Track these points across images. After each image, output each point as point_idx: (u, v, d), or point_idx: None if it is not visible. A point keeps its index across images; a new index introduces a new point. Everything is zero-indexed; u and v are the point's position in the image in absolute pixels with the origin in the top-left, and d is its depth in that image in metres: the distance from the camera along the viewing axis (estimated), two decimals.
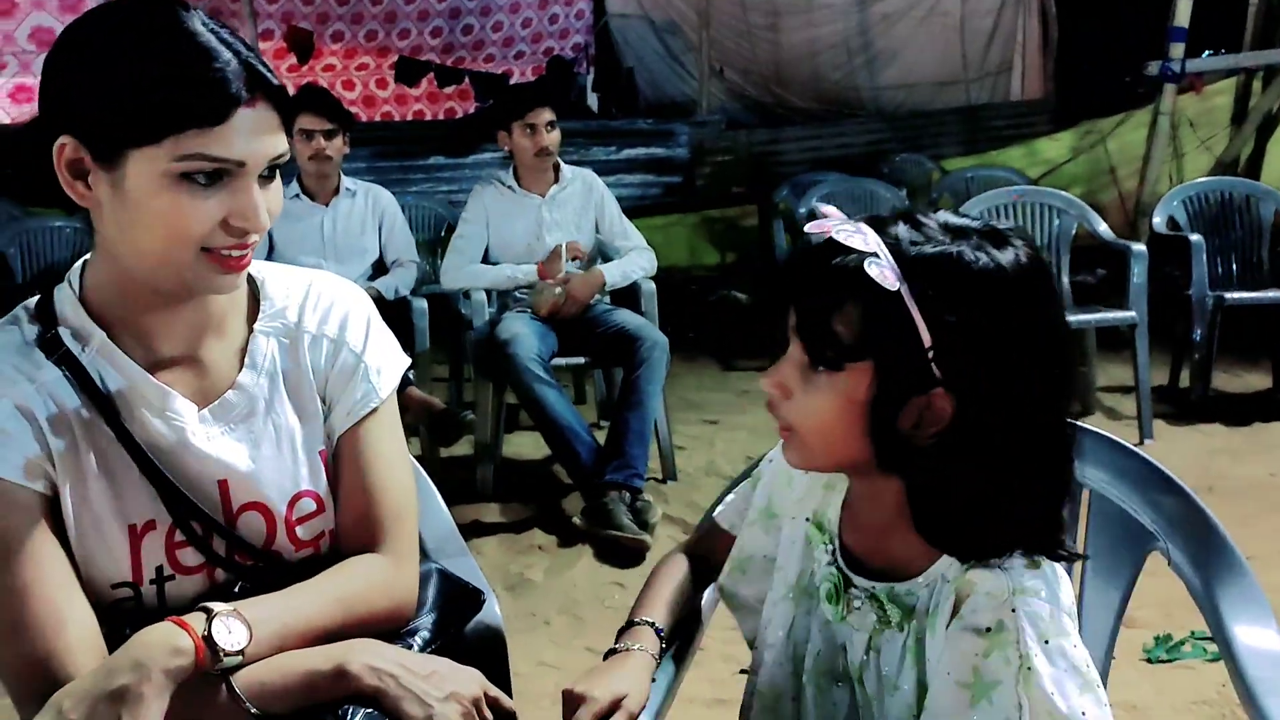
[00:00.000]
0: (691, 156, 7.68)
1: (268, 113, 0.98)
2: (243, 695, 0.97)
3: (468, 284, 3.65)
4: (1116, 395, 4.30)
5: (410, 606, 1.14)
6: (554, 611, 2.73)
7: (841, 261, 0.87)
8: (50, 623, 0.97)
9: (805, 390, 0.92)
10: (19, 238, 4.69)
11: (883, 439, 0.89)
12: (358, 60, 9.12)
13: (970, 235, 0.87)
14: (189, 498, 1.05)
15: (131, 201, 0.96)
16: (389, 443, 1.17)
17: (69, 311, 1.05)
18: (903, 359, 0.86)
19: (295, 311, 1.14)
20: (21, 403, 1.01)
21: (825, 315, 0.88)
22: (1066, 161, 7.19)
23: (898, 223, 0.89)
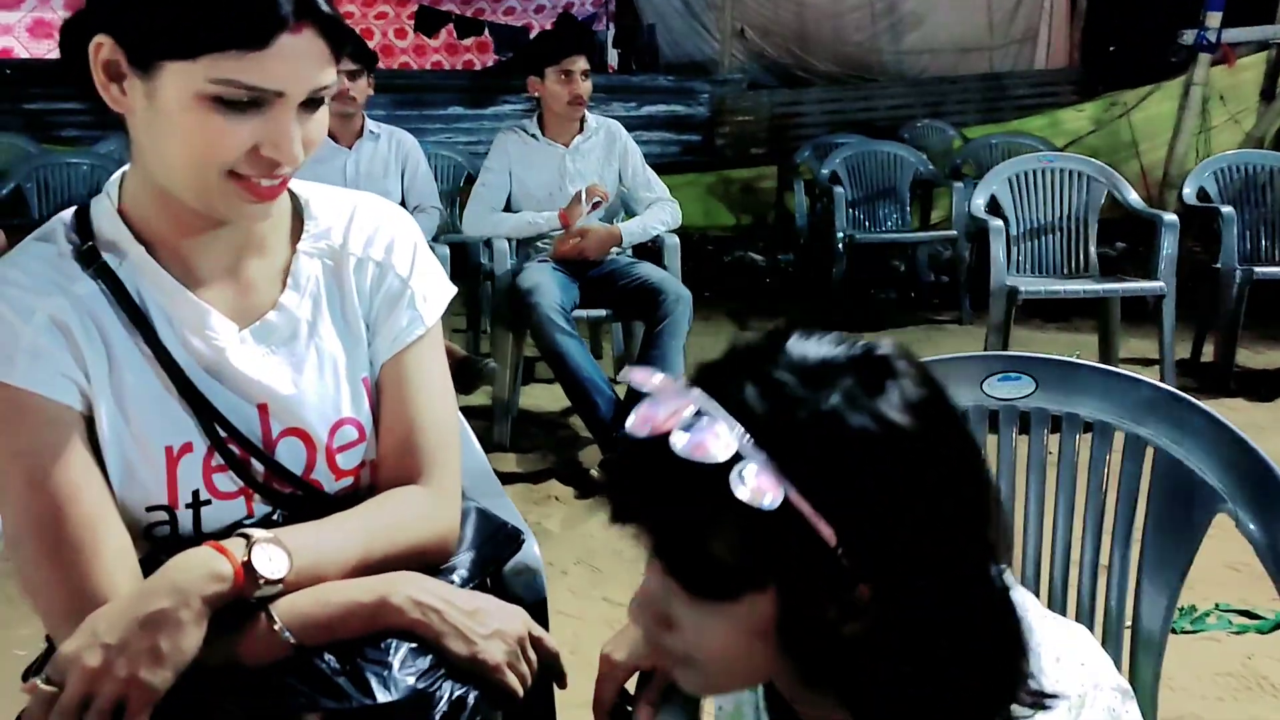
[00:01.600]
0: (711, 116, 7.59)
1: (315, 41, 0.93)
2: (281, 625, 0.94)
3: (490, 231, 3.62)
4: (1138, 367, 4.25)
5: (453, 540, 1.11)
6: (571, 562, 2.72)
7: (692, 478, 0.66)
8: (86, 542, 0.94)
9: (692, 620, 0.72)
10: (36, 173, 4.68)
11: (801, 656, 0.72)
12: (377, 9, 9.02)
13: (836, 379, 0.68)
14: (228, 420, 1.02)
15: (163, 114, 0.93)
16: (433, 372, 1.13)
17: (106, 224, 1.02)
18: (809, 568, 0.67)
19: (340, 233, 1.10)
20: (57, 316, 0.97)
21: (696, 543, 0.68)
22: (1090, 133, 7.10)
23: (745, 385, 0.69)
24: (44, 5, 7.12)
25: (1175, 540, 1.10)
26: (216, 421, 1.02)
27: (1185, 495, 1.09)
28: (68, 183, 4.71)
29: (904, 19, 9.44)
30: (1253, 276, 3.88)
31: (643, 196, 3.69)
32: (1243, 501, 1.05)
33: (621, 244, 3.56)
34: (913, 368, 0.71)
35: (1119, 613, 1.15)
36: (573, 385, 3.23)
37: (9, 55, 7.01)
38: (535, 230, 3.56)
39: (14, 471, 0.95)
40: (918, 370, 0.71)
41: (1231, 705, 2.03)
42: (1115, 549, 1.15)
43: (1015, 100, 8.16)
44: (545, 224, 3.53)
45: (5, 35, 7.11)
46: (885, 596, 0.68)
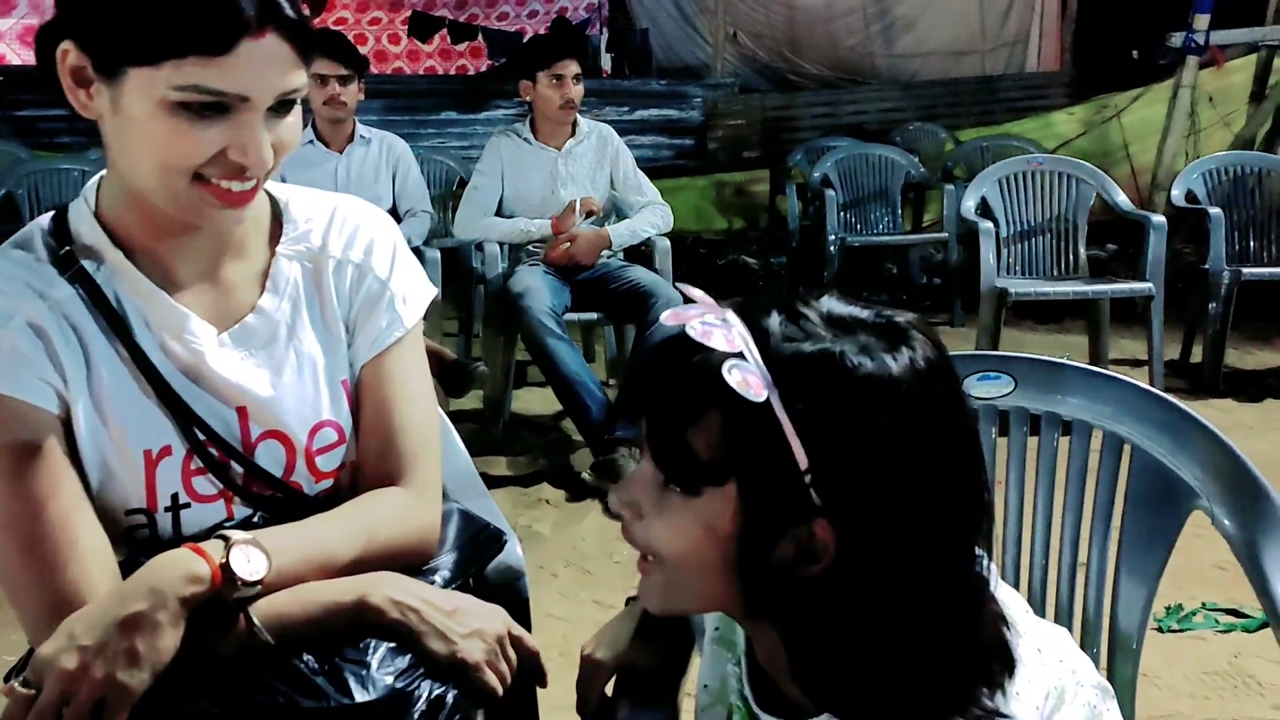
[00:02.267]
0: (704, 120, 7.62)
1: (279, 45, 0.92)
2: (260, 625, 0.94)
3: (481, 236, 3.63)
4: (1127, 368, 4.27)
5: (433, 541, 1.11)
6: (561, 565, 2.72)
7: (702, 359, 0.70)
8: (63, 545, 0.94)
9: (660, 513, 0.75)
10: (27, 180, 4.67)
11: (751, 579, 0.73)
12: (370, 14, 9.03)
13: (857, 331, 0.71)
14: (206, 423, 1.02)
15: (129, 120, 0.93)
16: (413, 374, 1.13)
17: (84, 228, 1.02)
18: (773, 483, 0.69)
19: (320, 235, 1.10)
20: (34, 320, 0.97)
21: (679, 427, 0.71)
22: (1080, 135, 7.13)
23: (772, 312, 0.73)
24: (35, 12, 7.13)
25: (1152, 538, 1.10)
26: (195, 425, 1.02)
27: (1162, 493, 1.09)
28: (59, 189, 4.70)
29: (896, 23, 9.47)
30: (1241, 277, 3.90)
31: (634, 200, 3.70)
32: (1218, 498, 1.05)
33: (611, 247, 3.57)
34: (929, 342, 0.73)
35: (1097, 610, 1.16)
36: (564, 388, 3.23)
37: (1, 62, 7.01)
38: (527, 237, 3.57)
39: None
40: (934, 345, 0.73)
41: (1218, 703, 2.03)
42: (1093, 547, 1.15)
43: (1007, 103, 8.20)
44: (537, 231, 3.54)
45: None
46: (846, 545, 0.69)
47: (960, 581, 0.73)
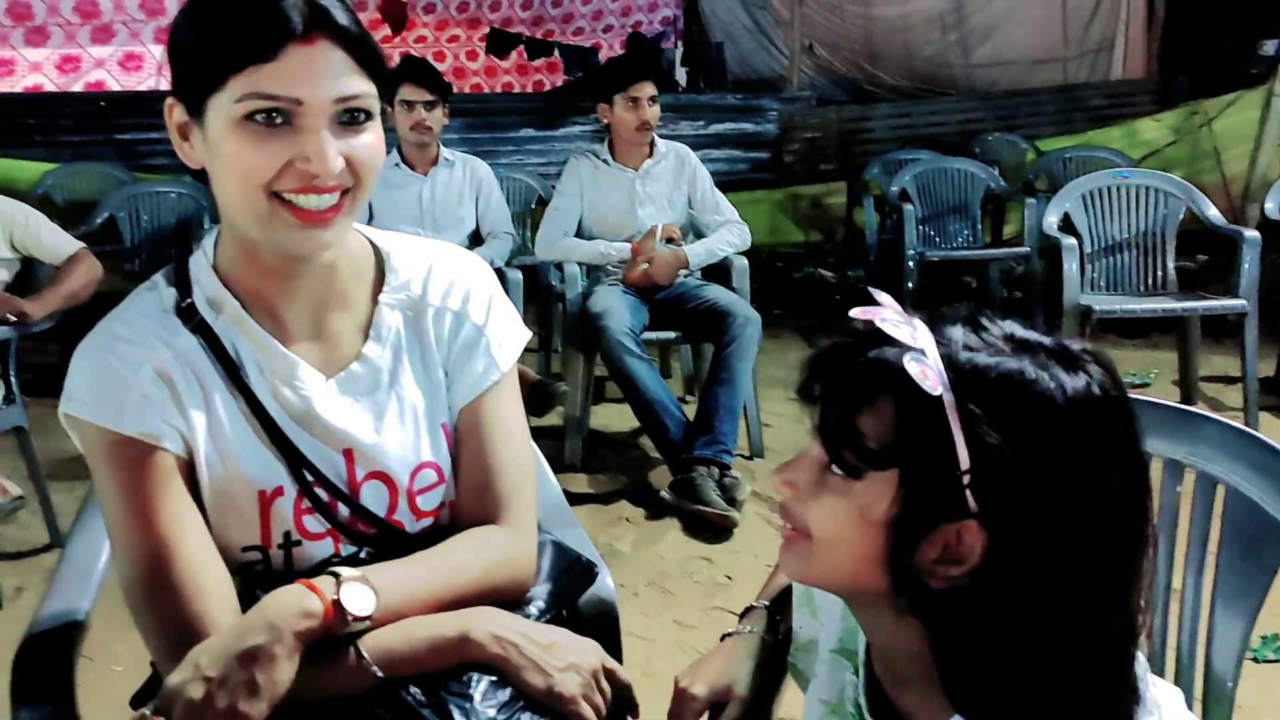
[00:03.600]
0: (780, 133, 7.60)
1: (331, 51, 0.97)
2: (369, 659, 0.99)
3: (561, 257, 3.68)
4: (1220, 386, 4.17)
5: (529, 579, 1.15)
6: (642, 584, 2.75)
7: (880, 354, 0.75)
8: (190, 583, 1.00)
9: (818, 494, 0.79)
10: (128, 202, 4.83)
11: (900, 569, 0.75)
12: (449, 32, 9.21)
13: (1036, 351, 0.73)
14: (315, 466, 1.08)
15: (215, 151, 0.99)
16: (509, 416, 1.18)
17: (204, 278, 1.08)
18: (934, 478, 0.72)
19: (420, 284, 1.15)
20: (161, 368, 1.04)
21: (852, 411, 0.75)
22: (1169, 144, 6.95)
23: (956, 323, 0.76)
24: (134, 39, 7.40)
25: (1248, 577, 1.09)
26: (305, 467, 1.07)
27: (1258, 533, 1.08)
28: (157, 210, 4.87)
29: (974, 31, 9.35)
30: None
31: (711, 219, 3.72)
32: None
33: (688, 266, 3.59)
34: (1106, 374, 0.74)
35: (1191, 649, 1.15)
36: (642, 407, 3.26)
37: (101, 88, 7.28)
38: (606, 259, 3.62)
39: (126, 518, 1.01)
40: (1111, 377, 0.74)
41: None
42: (1186, 587, 1.15)
43: (1090, 111, 8.02)
44: (617, 254, 3.59)
45: (98, 69, 7.41)
46: (995, 552, 0.72)
47: (1113, 614, 0.74)
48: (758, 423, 3.59)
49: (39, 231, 2.98)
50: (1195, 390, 4.04)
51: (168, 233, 4.84)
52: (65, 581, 1.21)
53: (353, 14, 0.99)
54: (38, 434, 2.98)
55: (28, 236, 2.96)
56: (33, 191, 5.12)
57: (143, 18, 7.36)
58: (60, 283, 2.95)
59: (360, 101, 0.99)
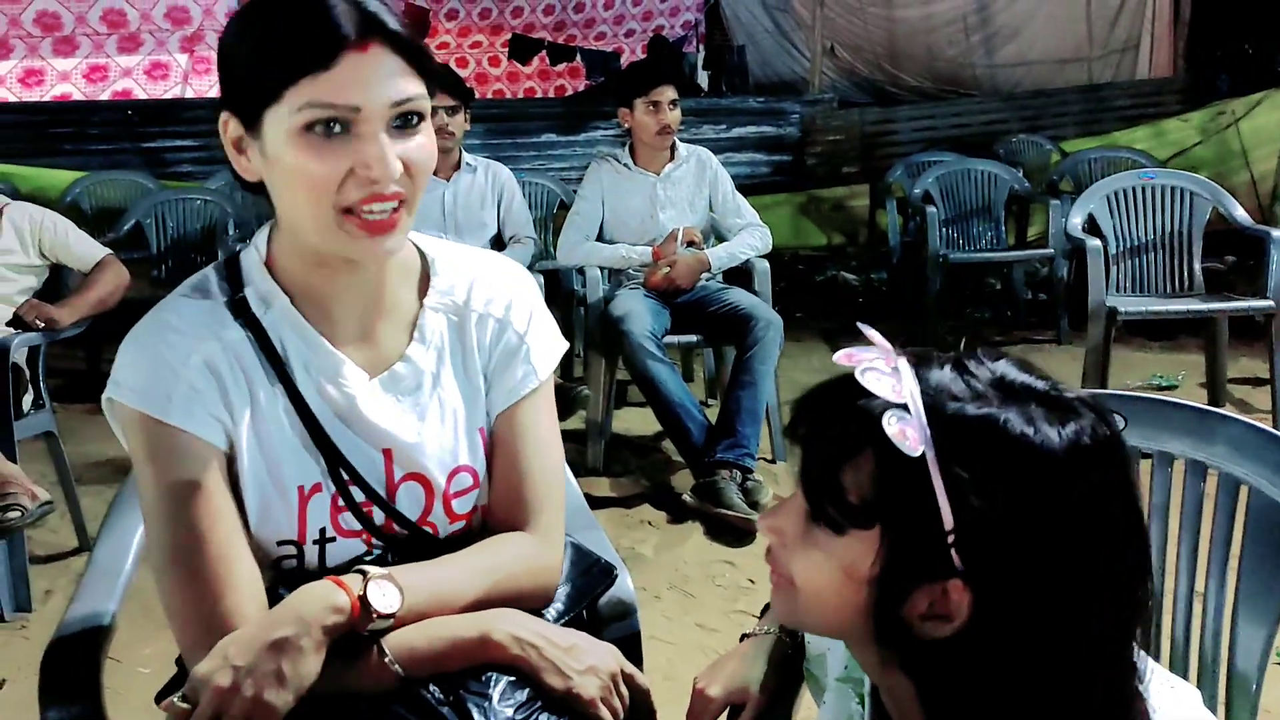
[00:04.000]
0: (802, 135, 7.59)
1: (387, 57, 0.97)
2: (391, 657, 1.00)
3: (583, 261, 3.69)
4: (1248, 388, 4.13)
5: (553, 586, 1.16)
6: (664, 587, 2.75)
7: (865, 403, 0.72)
8: (221, 575, 1.01)
9: (803, 544, 0.77)
10: (154, 209, 4.89)
11: (883, 625, 0.74)
12: (471, 38, 9.25)
13: (1025, 399, 0.71)
14: (353, 465, 1.08)
15: (275, 164, 1.00)
16: (544, 424, 1.18)
17: (255, 275, 1.09)
18: (917, 537, 0.69)
19: (464, 290, 1.16)
20: (210, 359, 1.05)
21: (833, 465, 0.73)
22: (1196, 144, 6.89)
23: (945, 366, 0.74)
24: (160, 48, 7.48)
25: (1273, 579, 1.08)
26: (343, 466, 1.08)
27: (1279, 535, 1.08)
28: (182, 217, 4.92)
29: (998, 32, 9.31)
30: None
31: (733, 223, 3.73)
32: None
33: (710, 270, 3.60)
34: (1100, 420, 0.71)
35: (1214, 652, 1.14)
36: (664, 411, 3.27)
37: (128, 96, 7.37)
38: (628, 263, 3.63)
39: (162, 504, 1.03)
40: (1105, 424, 0.71)
41: None
42: (1209, 589, 1.14)
43: (1116, 111, 7.96)
44: (638, 258, 3.60)
45: (125, 78, 7.50)
46: (982, 610, 0.69)
47: (1110, 653, 0.72)
48: (780, 425, 3.59)
49: (67, 238, 3.02)
50: (1223, 392, 4.00)
51: (193, 239, 4.89)
52: (92, 584, 1.23)
53: (398, 17, 1.00)
54: (67, 439, 3.02)
55: (56, 243, 3.00)
56: (61, 199, 5.19)
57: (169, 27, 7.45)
58: (88, 289, 2.99)
59: (414, 104, 0.99)
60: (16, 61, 7.24)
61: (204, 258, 4.79)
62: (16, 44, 7.18)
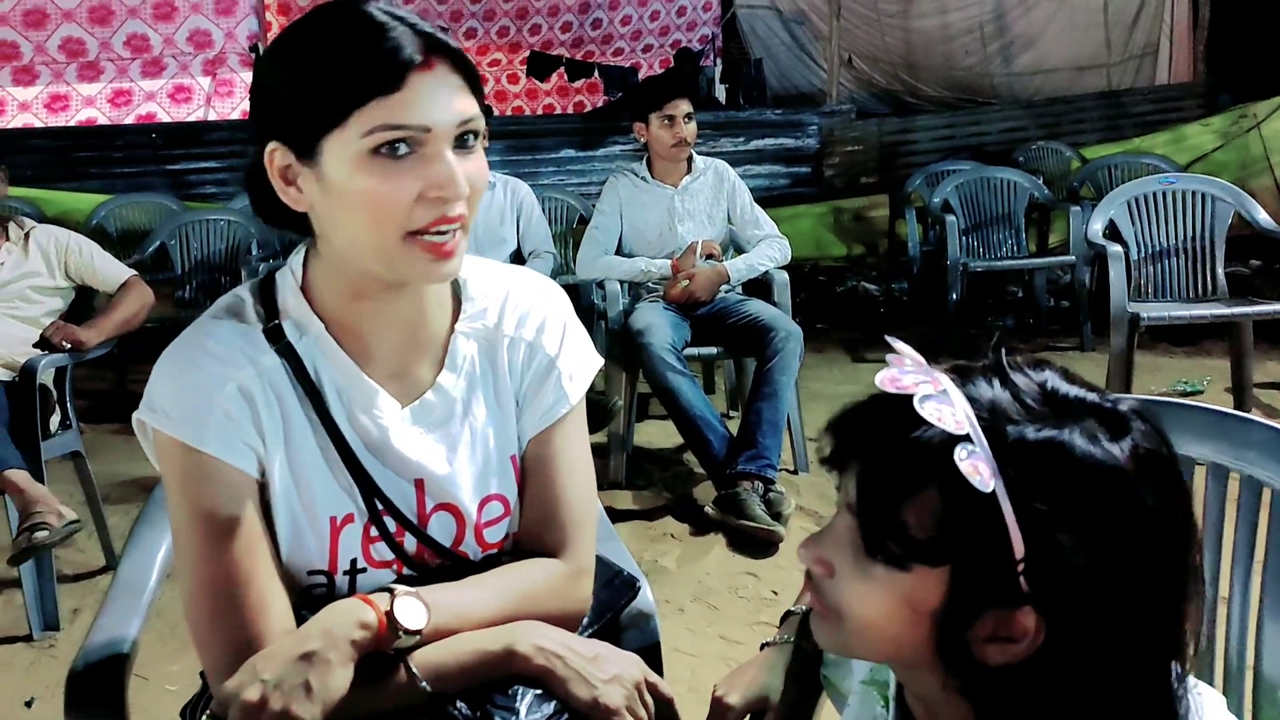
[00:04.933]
0: (820, 147, 7.59)
1: (449, 75, 0.98)
2: (418, 673, 1.00)
3: (602, 275, 3.70)
4: (1275, 392, 4.09)
5: (582, 614, 1.15)
6: (688, 599, 2.75)
7: (923, 436, 0.69)
8: (252, 605, 1.01)
9: (856, 577, 0.74)
10: (178, 231, 4.94)
11: (948, 651, 0.72)
12: (490, 56, 9.30)
13: (1080, 414, 0.70)
14: (386, 495, 1.08)
15: (335, 191, 0.98)
16: (575, 449, 1.17)
17: (290, 300, 1.08)
18: (986, 569, 0.68)
19: (496, 313, 1.14)
20: (244, 386, 1.04)
21: (894, 503, 0.70)
22: (1217, 148, 6.85)
23: (991, 381, 0.72)
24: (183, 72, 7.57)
25: None
26: (376, 496, 1.08)
27: None
28: (206, 238, 4.97)
29: (1016, 40, 9.28)
30: None
31: (751, 234, 3.73)
32: None
33: (729, 282, 3.60)
34: (1152, 430, 0.71)
35: (1240, 659, 1.13)
36: (686, 423, 3.27)
37: (152, 119, 7.46)
38: (647, 276, 3.64)
39: (193, 532, 1.03)
40: (1157, 433, 0.71)
41: None
42: (1234, 594, 1.13)
43: (1136, 117, 7.93)
44: (657, 271, 3.61)
45: (149, 102, 7.58)
46: (1055, 639, 0.68)
47: (1163, 664, 0.71)
48: (802, 437, 3.58)
49: (93, 261, 3.06)
50: (1249, 397, 3.96)
51: (216, 260, 4.94)
52: (116, 603, 1.24)
53: (453, 35, 1.01)
54: (94, 458, 3.06)
55: (82, 265, 3.04)
56: (87, 222, 5.25)
57: (191, 50, 7.54)
58: (113, 310, 3.03)
59: (475, 123, 1.00)
60: (42, 87, 7.34)
61: (228, 278, 4.83)
62: (42, 70, 7.29)
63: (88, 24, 7.29)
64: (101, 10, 7.30)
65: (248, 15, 7.65)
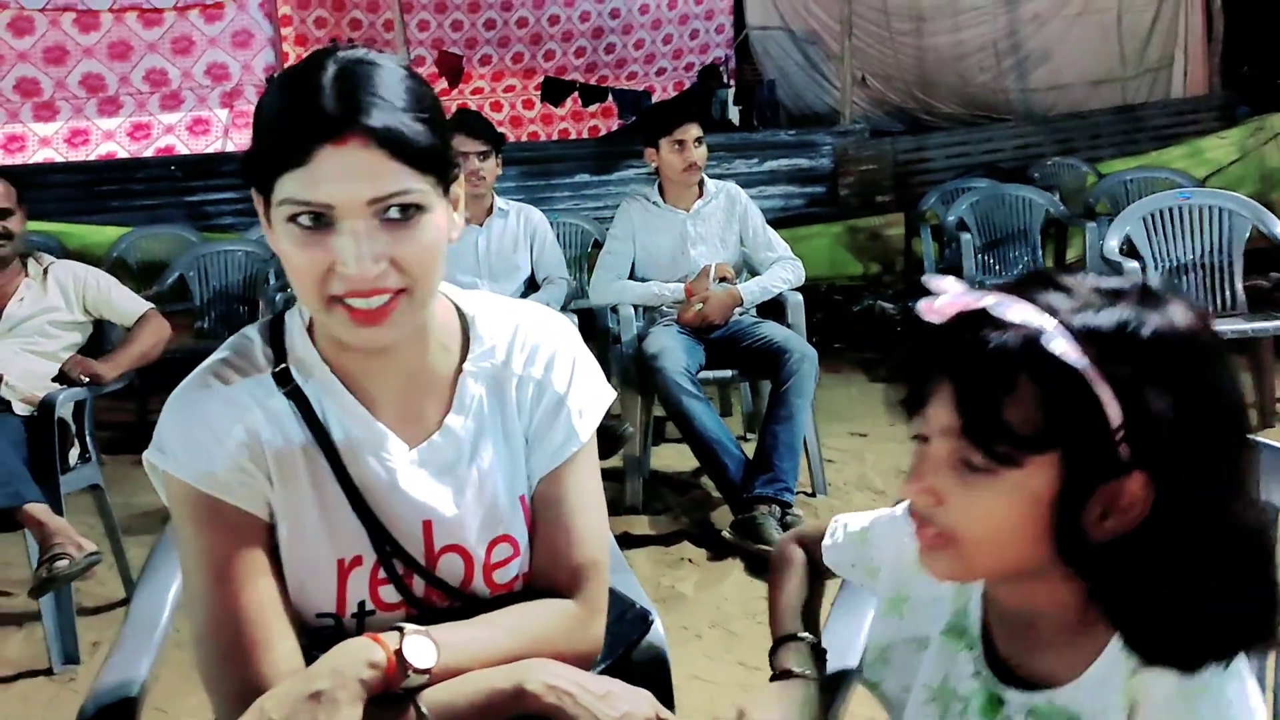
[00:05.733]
0: (835, 166, 7.58)
1: (365, 152, 0.94)
2: (428, 713, 1.00)
3: (615, 299, 3.71)
4: None
5: (594, 657, 1.14)
6: (705, 625, 2.73)
7: (1002, 340, 0.76)
8: (261, 648, 1.01)
9: (967, 494, 0.79)
10: (196, 261, 4.98)
11: (1067, 537, 0.78)
12: (505, 82, 9.36)
13: (1128, 297, 0.78)
14: (394, 538, 1.08)
15: (276, 247, 1.00)
16: (587, 487, 1.16)
17: (298, 342, 1.09)
18: (1092, 444, 0.75)
19: (504, 351, 1.14)
20: (253, 429, 1.05)
21: (995, 406, 0.76)
22: (1234, 161, 6.80)
23: (1045, 289, 0.79)
24: (201, 104, 7.65)
25: None
26: (385, 538, 1.08)
27: None
28: (225, 269, 5.00)
29: (1029, 56, 9.26)
30: None
31: (764, 257, 3.73)
32: None
33: (743, 304, 3.60)
34: (1183, 300, 0.80)
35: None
36: (701, 447, 3.26)
37: (171, 152, 7.54)
38: (660, 300, 3.65)
39: (203, 575, 1.03)
40: (1191, 304, 0.80)
41: None
42: None
43: (1152, 131, 7.88)
44: (671, 295, 3.61)
45: (167, 135, 7.66)
46: (1165, 497, 0.76)
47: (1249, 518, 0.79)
48: (819, 459, 3.57)
49: (110, 294, 3.09)
50: (1270, 413, 3.92)
51: (235, 290, 4.97)
52: (130, 639, 1.25)
53: (399, 104, 0.96)
54: (116, 489, 3.08)
55: (100, 300, 3.07)
56: (107, 255, 5.30)
57: (209, 84, 7.62)
58: (131, 343, 3.06)
59: (401, 198, 0.96)
60: (63, 123, 7.42)
61: (246, 308, 4.86)
62: (63, 105, 7.38)
63: (107, 60, 7.38)
64: (121, 46, 7.40)
65: (264, 48, 7.73)
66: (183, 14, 7.45)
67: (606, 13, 9.31)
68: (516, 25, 9.09)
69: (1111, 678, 0.81)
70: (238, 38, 7.63)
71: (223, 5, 7.53)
